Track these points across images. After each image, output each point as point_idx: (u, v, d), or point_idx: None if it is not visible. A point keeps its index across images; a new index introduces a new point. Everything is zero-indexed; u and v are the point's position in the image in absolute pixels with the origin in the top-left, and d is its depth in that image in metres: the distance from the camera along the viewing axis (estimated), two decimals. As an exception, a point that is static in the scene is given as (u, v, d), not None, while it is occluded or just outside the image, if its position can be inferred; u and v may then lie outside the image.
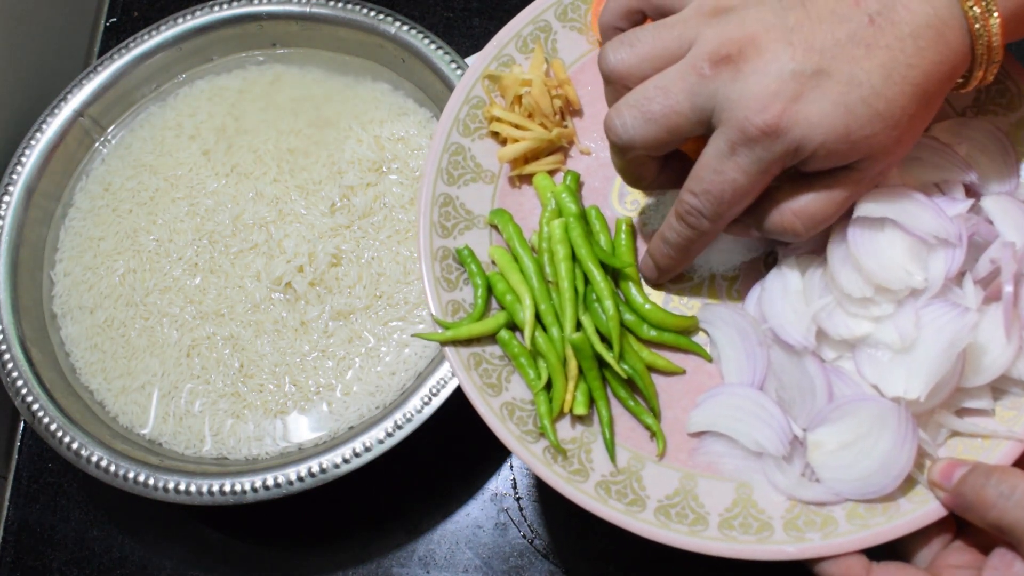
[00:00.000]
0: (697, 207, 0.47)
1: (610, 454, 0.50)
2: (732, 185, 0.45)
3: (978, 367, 0.47)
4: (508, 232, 0.54)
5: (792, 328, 0.49)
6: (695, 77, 0.44)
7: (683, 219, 0.48)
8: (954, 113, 0.54)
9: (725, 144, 0.44)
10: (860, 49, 0.42)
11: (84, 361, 0.71)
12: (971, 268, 0.48)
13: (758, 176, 0.44)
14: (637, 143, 0.46)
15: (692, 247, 0.50)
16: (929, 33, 0.42)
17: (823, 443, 0.48)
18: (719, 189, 0.45)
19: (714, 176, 0.45)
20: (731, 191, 0.45)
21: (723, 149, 0.44)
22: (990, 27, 0.43)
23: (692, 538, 0.48)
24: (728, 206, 0.46)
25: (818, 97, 0.42)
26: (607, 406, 0.51)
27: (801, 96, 0.42)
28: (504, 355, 0.53)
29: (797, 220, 0.47)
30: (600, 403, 0.51)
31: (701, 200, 0.46)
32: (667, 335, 0.52)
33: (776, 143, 0.43)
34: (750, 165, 0.44)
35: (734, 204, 0.46)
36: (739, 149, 0.44)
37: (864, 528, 0.46)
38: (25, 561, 0.72)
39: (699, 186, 0.46)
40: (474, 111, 0.57)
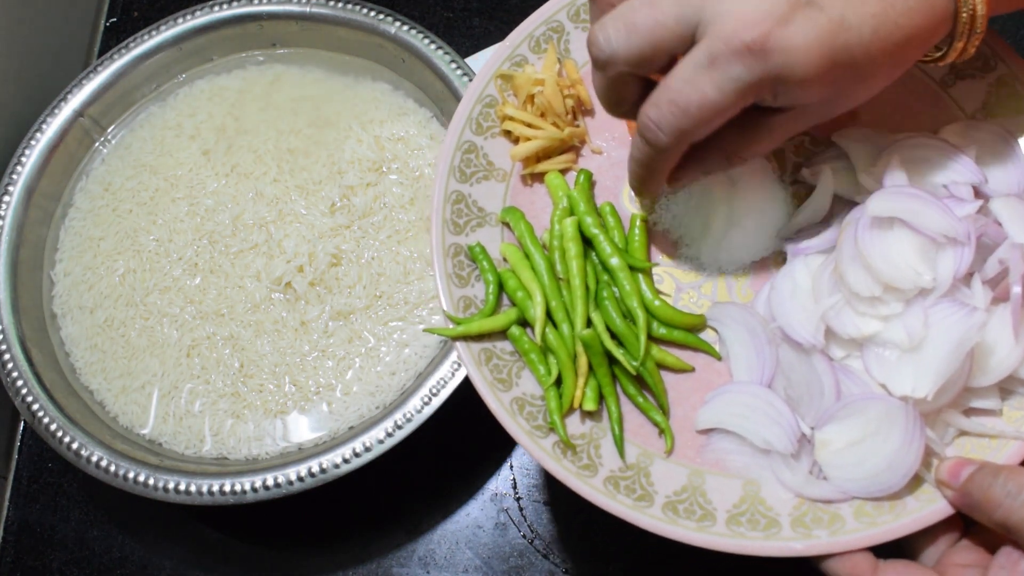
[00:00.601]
0: (657, 119, 0.44)
1: (619, 450, 0.51)
2: (702, 99, 0.43)
3: (986, 367, 0.47)
4: (520, 229, 0.55)
5: (801, 326, 0.49)
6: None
7: (642, 133, 0.46)
8: (964, 115, 0.55)
9: (705, 56, 0.42)
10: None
11: (84, 361, 0.71)
12: (979, 269, 0.48)
13: (732, 96, 0.43)
14: (619, 56, 0.44)
15: (653, 166, 0.47)
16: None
17: (831, 441, 0.48)
18: (686, 100, 0.43)
19: (684, 86, 0.43)
20: (698, 105, 0.43)
21: (701, 61, 0.42)
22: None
23: (700, 534, 0.48)
24: (692, 122, 0.44)
25: (807, 27, 0.41)
26: (617, 402, 0.52)
27: (790, 20, 0.41)
28: (515, 351, 0.53)
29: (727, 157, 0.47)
30: (610, 399, 0.52)
31: (663, 111, 0.44)
32: (676, 333, 0.53)
33: (758, 64, 0.42)
34: (727, 82, 0.42)
35: (698, 122, 0.44)
36: (719, 63, 0.42)
37: (871, 526, 0.47)
38: (25, 561, 0.72)
39: (665, 96, 0.44)
40: (487, 110, 0.58)
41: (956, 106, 0.55)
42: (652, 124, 0.45)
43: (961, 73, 0.55)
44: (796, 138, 0.57)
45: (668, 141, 0.45)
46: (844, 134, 0.55)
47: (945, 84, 0.56)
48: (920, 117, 0.55)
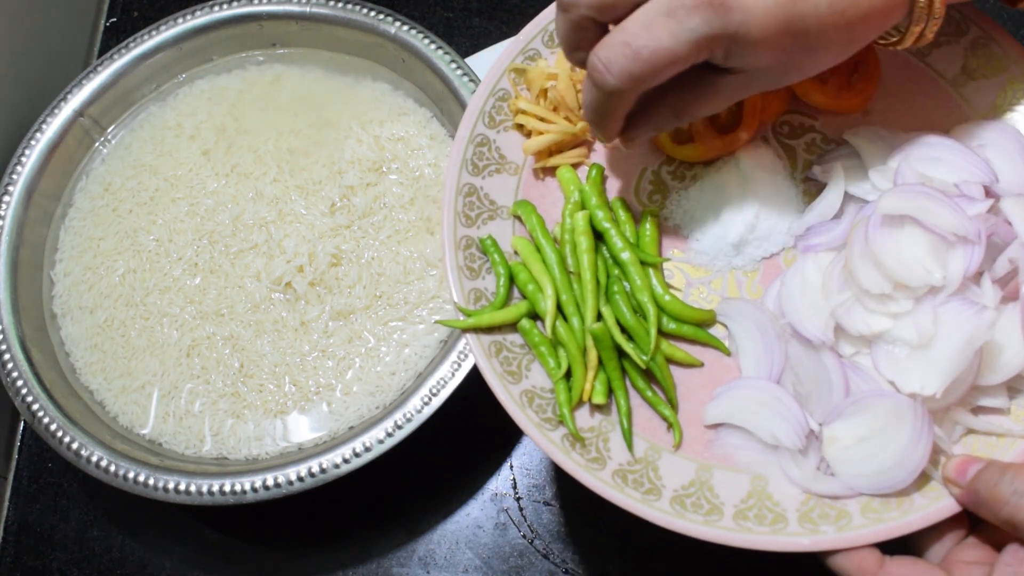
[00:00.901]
0: (605, 60, 0.44)
1: (627, 443, 0.51)
2: (656, 45, 0.43)
3: (994, 365, 0.47)
4: (531, 223, 0.55)
5: (810, 323, 0.50)
6: None
7: (590, 74, 0.45)
8: (974, 115, 0.55)
9: (665, 4, 0.42)
10: None
11: (84, 361, 0.71)
12: (989, 268, 0.49)
13: (685, 47, 0.43)
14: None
15: (603, 110, 0.47)
16: None
17: (839, 437, 0.48)
18: (640, 44, 0.43)
19: (640, 30, 0.43)
20: (651, 50, 0.43)
21: (661, 8, 0.43)
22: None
23: (707, 528, 0.48)
24: (641, 67, 0.43)
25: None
26: (626, 396, 0.52)
27: None
28: (525, 343, 0.53)
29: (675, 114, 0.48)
30: (619, 393, 0.52)
31: (615, 52, 0.44)
32: (686, 328, 0.53)
33: (716, 18, 0.42)
34: (682, 32, 0.42)
35: (648, 68, 0.43)
36: (678, 12, 0.42)
37: (878, 522, 0.47)
38: (25, 561, 0.72)
39: (619, 37, 0.44)
40: (500, 103, 0.58)
41: (967, 106, 0.55)
42: (601, 64, 0.44)
43: (973, 74, 0.55)
44: (808, 136, 0.57)
45: (615, 83, 0.44)
46: (856, 132, 0.55)
47: (956, 84, 0.56)
48: (932, 117, 0.56)
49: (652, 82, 0.44)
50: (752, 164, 0.55)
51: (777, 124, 0.57)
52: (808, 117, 0.57)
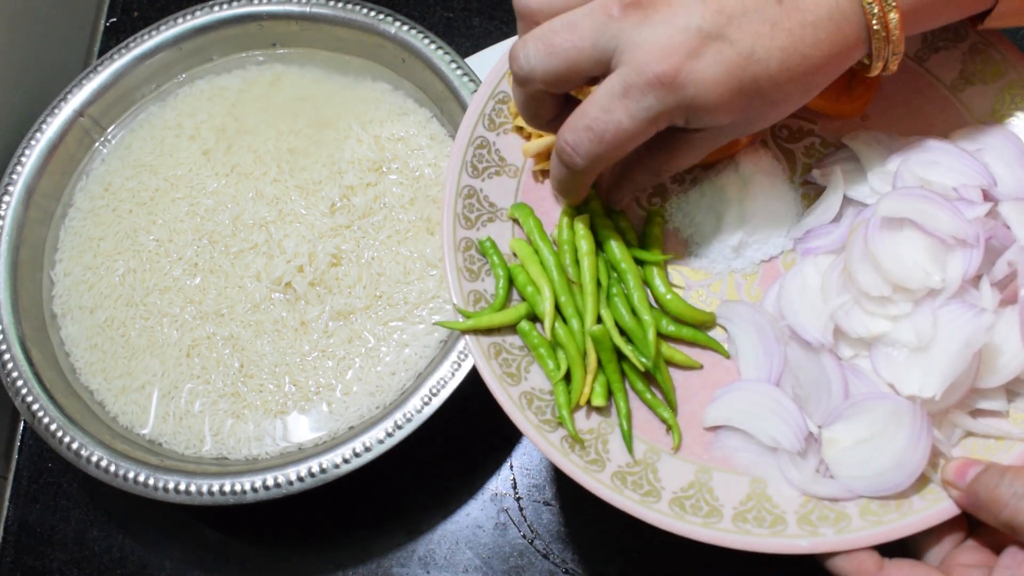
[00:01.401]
0: (573, 144, 0.46)
1: (627, 445, 0.51)
2: (616, 127, 0.45)
3: (993, 368, 0.47)
4: (529, 225, 0.55)
5: (810, 325, 0.50)
6: (603, 17, 0.44)
7: (559, 155, 0.48)
8: (973, 120, 0.55)
9: (620, 85, 0.44)
10: (766, 27, 0.43)
11: (84, 361, 0.71)
12: (988, 271, 0.49)
13: (644, 124, 0.44)
14: (537, 75, 0.46)
15: (571, 185, 0.50)
16: (829, 25, 0.44)
17: (838, 440, 0.48)
18: (601, 128, 0.45)
19: (600, 113, 0.45)
20: (613, 132, 0.45)
21: (616, 90, 0.44)
22: (888, 22, 0.45)
23: (706, 530, 0.48)
24: (606, 148, 0.46)
25: (715, 61, 0.43)
26: (625, 398, 0.52)
27: (700, 55, 0.43)
28: (524, 345, 0.53)
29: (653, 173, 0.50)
30: (618, 395, 0.52)
31: (579, 136, 0.46)
32: (686, 330, 0.53)
33: (669, 95, 0.43)
34: (639, 111, 0.44)
35: (613, 147, 0.46)
36: (632, 92, 0.44)
37: (877, 524, 0.47)
38: (25, 561, 0.72)
39: (581, 122, 0.46)
40: (500, 106, 0.58)
41: (966, 111, 0.55)
42: (569, 148, 0.47)
43: (971, 79, 0.56)
44: (807, 140, 0.57)
45: (584, 164, 0.47)
46: (855, 136, 0.55)
47: (955, 89, 0.56)
48: (930, 121, 0.56)
49: (616, 158, 0.47)
50: (751, 168, 0.55)
51: (776, 128, 0.57)
52: (807, 121, 0.57)
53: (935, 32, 0.56)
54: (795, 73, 0.44)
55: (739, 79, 0.44)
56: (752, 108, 0.46)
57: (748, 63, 0.44)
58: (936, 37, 0.56)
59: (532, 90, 0.48)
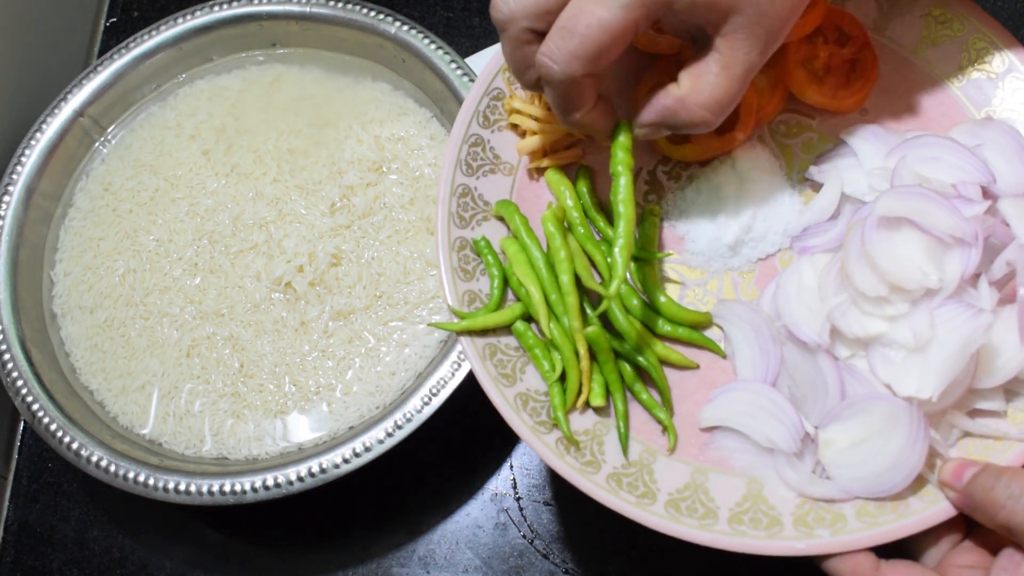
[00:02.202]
0: (549, 51, 0.44)
1: (623, 447, 0.51)
2: (590, 18, 0.42)
3: (991, 368, 0.47)
4: (514, 223, 0.55)
5: (806, 325, 0.50)
6: None
7: (540, 72, 0.45)
8: (973, 114, 0.55)
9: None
10: None
11: (84, 361, 0.71)
12: (986, 270, 0.49)
13: (622, 12, 0.42)
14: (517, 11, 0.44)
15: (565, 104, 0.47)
16: None
17: (834, 441, 0.48)
18: (574, 23, 0.43)
19: (573, 11, 0.43)
20: (586, 24, 0.42)
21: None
22: None
23: (702, 532, 0.48)
24: (587, 47, 0.43)
25: None
26: (623, 399, 0.52)
27: None
28: (519, 346, 0.53)
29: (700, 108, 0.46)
30: (616, 396, 0.52)
31: (555, 39, 0.43)
32: (681, 330, 0.53)
33: None
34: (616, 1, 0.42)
35: (592, 44, 0.43)
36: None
37: (873, 526, 0.47)
38: (25, 561, 0.72)
39: (555, 27, 0.43)
40: (494, 103, 0.58)
41: (966, 105, 0.55)
42: (546, 58, 0.44)
43: (970, 72, 0.55)
44: (805, 135, 0.57)
45: (560, 69, 0.44)
46: (853, 132, 0.55)
47: (955, 82, 0.56)
48: (929, 115, 0.56)
49: (601, 60, 0.44)
50: (748, 164, 0.55)
51: (773, 124, 0.57)
52: (805, 116, 0.57)
53: (935, 27, 0.56)
54: None
55: None
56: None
57: None
58: (935, 31, 0.56)
59: (516, 30, 0.46)
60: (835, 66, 0.55)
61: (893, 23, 0.57)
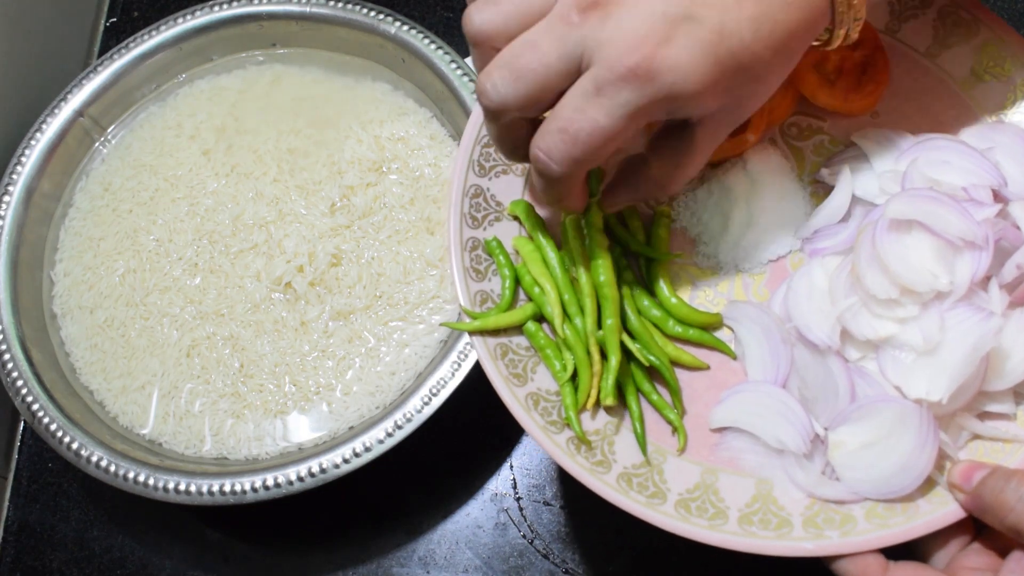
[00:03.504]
0: (546, 149, 0.44)
1: (642, 447, 0.51)
2: (592, 126, 0.42)
3: (1001, 371, 0.47)
4: (530, 223, 0.55)
5: (817, 327, 0.50)
6: (563, 26, 0.42)
7: (534, 162, 0.45)
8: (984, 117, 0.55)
9: (591, 84, 0.42)
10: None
11: (84, 361, 0.71)
12: (997, 273, 0.49)
13: (622, 120, 0.42)
14: (510, 103, 0.44)
15: (552, 196, 0.47)
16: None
17: (844, 442, 0.48)
18: (575, 128, 0.43)
19: (573, 114, 0.43)
20: (588, 132, 0.42)
21: (588, 89, 0.42)
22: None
23: (712, 532, 0.48)
24: (583, 149, 0.43)
25: (688, 43, 0.42)
26: (637, 401, 0.52)
27: (671, 40, 0.41)
28: (530, 346, 0.53)
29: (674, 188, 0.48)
30: (630, 398, 0.52)
31: (554, 140, 0.43)
32: (692, 331, 0.53)
33: (646, 87, 0.42)
34: (615, 108, 0.42)
35: (590, 148, 0.43)
36: (605, 89, 0.42)
37: (883, 527, 0.47)
38: (25, 561, 0.72)
39: (554, 125, 0.43)
40: None
41: (977, 108, 0.55)
42: (542, 154, 0.44)
43: (982, 76, 0.55)
44: (816, 138, 0.57)
45: (560, 170, 0.44)
46: (864, 135, 0.55)
47: (966, 86, 0.56)
48: (941, 118, 0.56)
49: (596, 161, 0.44)
50: (760, 166, 0.55)
51: (785, 126, 0.57)
52: (816, 119, 0.57)
53: (946, 28, 0.56)
54: (771, 40, 0.43)
55: (715, 56, 0.42)
56: (738, 86, 0.44)
57: (721, 39, 0.42)
58: (947, 33, 0.56)
59: (507, 120, 0.46)
60: (846, 69, 0.55)
61: (905, 26, 0.57)
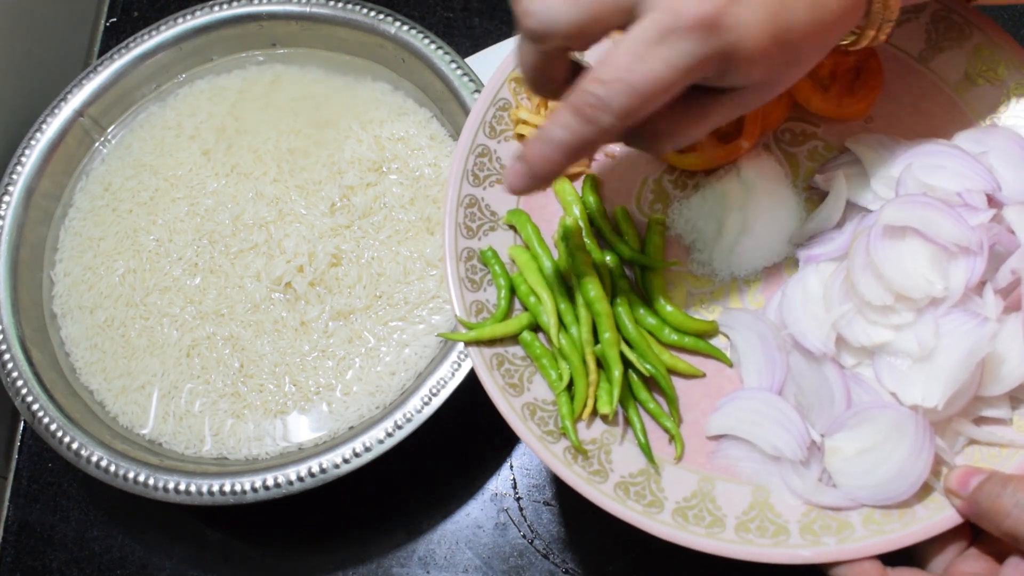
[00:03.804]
0: (604, 96, 0.41)
1: (648, 456, 0.51)
2: (653, 77, 0.40)
3: (997, 376, 0.47)
4: (526, 232, 0.55)
5: (812, 334, 0.50)
6: None
7: (580, 112, 0.42)
8: (978, 121, 0.55)
9: (654, 31, 0.40)
10: None
11: (84, 361, 0.71)
12: (992, 278, 0.49)
13: (681, 73, 0.41)
14: (559, 28, 0.41)
15: (582, 148, 0.44)
16: None
17: (841, 449, 0.48)
18: (636, 79, 0.41)
19: (634, 63, 0.40)
20: (651, 83, 0.41)
21: (650, 36, 0.40)
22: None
23: (709, 540, 0.48)
24: (640, 100, 0.41)
25: (755, 5, 0.41)
26: (637, 412, 0.52)
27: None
28: (526, 356, 0.53)
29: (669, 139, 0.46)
30: (631, 409, 0.52)
31: (611, 88, 0.41)
32: (688, 339, 0.53)
33: (710, 39, 0.40)
34: (677, 58, 0.40)
35: (646, 100, 0.41)
36: (669, 38, 0.40)
37: (880, 534, 0.47)
38: (25, 561, 0.72)
39: (611, 73, 0.41)
40: (500, 113, 0.58)
41: (971, 112, 0.55)
42: (598, 102, 0.42)
43: (976, 79, 0.55)
44: (810, 143, 0.57)
45: (612, 121, 0.42)
46: (858, 140, 0.55)
47: (959, 90, 0.56)
48: (934, 122, 0.56)
49: (644, 114, 0.43)
50: (754, 173, 0.55)
51: (779, 132, 0.57)
52: (810, 124, 0.57)
53: (939, 32, 0.56)
54: (819, 25, 0.43)
55: (775, 25, 0.41)
56: (780, 63, 0.43)
57: (782, 9, 0.41)
58: (940, 37, 0.56)
59: (550, 47, 0.43)
60: (840, 74, 0.55)
61: (898, 30, 0.57)
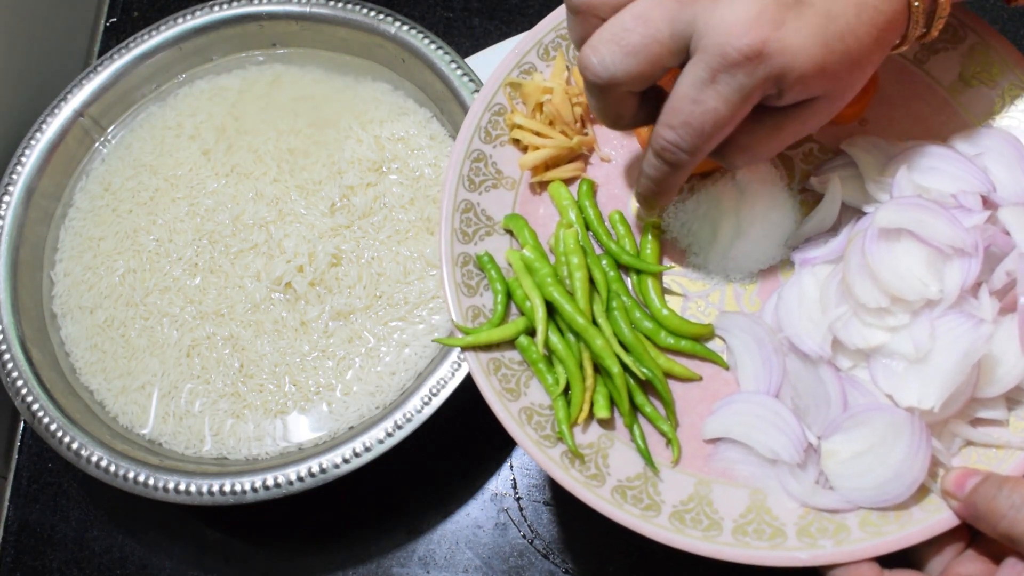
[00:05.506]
0: (675, 141, 0.45)
1: (648, 460, 0.51)
2: (713, 116, 0.43)
3: (993, 378, 0.47)
4: (523, 237, 0.55)
5: (808, 337, 0.50)
6: (674, 3, 0.43)
7: (661, 156, 0.47)
8: (972, 123, 0.55)
9: (704, 71, 0.43)
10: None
11: (84, 361, 0.71)
12: (987, 279, 0.49)
13: (739, 105, 0.43)
14: (620, 79, 0.45)
15: (671, 181, 0.48)
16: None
17: (837, 451, 0.48)
18: (699, 121, 0.44)
19: (693, 107, 0.44)
20: (712, 122, 0.44)
21: (702, 77, 0.43)
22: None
23: (706, 543, 0.48)
24: (708, 138, 0.45)
25: (800, 26, 0.42)
26: (635, 417, 0.52)
27: (783, 23, 0.42)
28: (523, 360, 0.53)
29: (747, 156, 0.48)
30: (628, 414, 0.52)
31: (680, 133, 0.45)
32: (684, 342, 0.53)
33: (759, 68, 0.42)
34: (731, 93, 0.43)
35: (714, 135, 0.45)
36: (720, 76, 0.42)
37: (877, 536, 0.47)
38: (25, 561, 0.72)
39: (677, 118, 0.44)
40: (496, 118, 0.58)
41: (965, 113, 0.55)
42: (671, 146, 0.45)
43: (970, 81, 0.55)
44: (804, 146, 0.57)
45: (688, 160, 0.46)
46: (853, 142, 0.55)
47: (954, 91, 0.56)
48: (929, 124, 0.56)
49: (716, 143, 0.46)
50: (749, 176, 0.55)
51: None
52: None
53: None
54: (872, 26, 0.43)
55: (825, 39, 0.42)
56: (840, 71, 0.44)
57: (828, 21, 0.42)
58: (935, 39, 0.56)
59: (616, 95, 0.46)
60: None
61: None
